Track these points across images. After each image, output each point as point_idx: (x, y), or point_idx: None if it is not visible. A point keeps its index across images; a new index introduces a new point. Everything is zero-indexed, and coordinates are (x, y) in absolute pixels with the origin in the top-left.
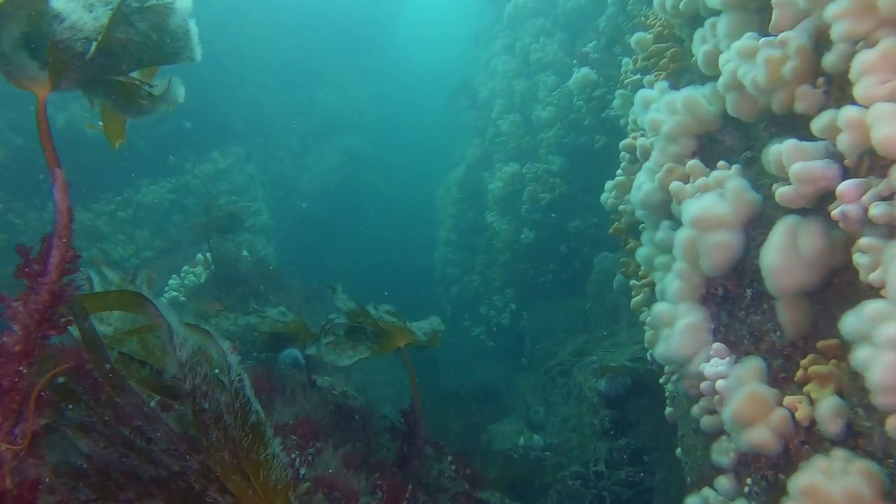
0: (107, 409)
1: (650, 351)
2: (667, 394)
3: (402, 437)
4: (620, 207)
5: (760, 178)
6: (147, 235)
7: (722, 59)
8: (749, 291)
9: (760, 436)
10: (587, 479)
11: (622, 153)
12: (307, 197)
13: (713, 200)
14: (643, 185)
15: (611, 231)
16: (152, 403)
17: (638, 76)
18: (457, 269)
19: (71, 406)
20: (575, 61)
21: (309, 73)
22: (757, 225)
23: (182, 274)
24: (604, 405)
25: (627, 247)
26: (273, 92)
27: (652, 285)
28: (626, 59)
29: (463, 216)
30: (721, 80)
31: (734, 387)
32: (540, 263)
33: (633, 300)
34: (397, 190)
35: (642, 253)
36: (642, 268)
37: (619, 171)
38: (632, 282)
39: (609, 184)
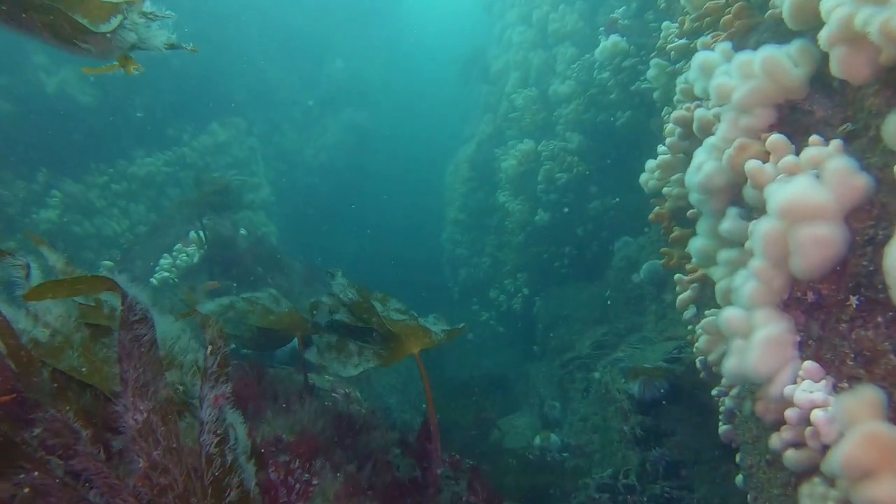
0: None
1: (701, 357)
2: (721, 408)
3: (416, 457)
4: (665, 190)
5: (868, 157)
6: (142, 210)
7: (827, 4)
8: (855, 299)
9: (889, 493)
10: (616, 493)
11: (670, 127)
12: (312, 172)
13: (808, 184)
14: (704, 164)
15: (651, 217)
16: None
17: (684, 41)
18: (466, 251)
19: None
20: (602, 29)
21: (314, 43)
22: (864, 216)
23: (174, 253)
24: (636, 410)
25: (672, 235)
26: (277, 62)
27: (703, 281)
28: (666, 23)
29: (473, 195)
30: (826, 30)
31: (842, 421)
32: (555, 247)
33: (680, 297)
34: (404, 166)
35: (697, 244)
36: (694, 260)
37: (663, 149)
38: (677, 275)
39: (650, 163)
